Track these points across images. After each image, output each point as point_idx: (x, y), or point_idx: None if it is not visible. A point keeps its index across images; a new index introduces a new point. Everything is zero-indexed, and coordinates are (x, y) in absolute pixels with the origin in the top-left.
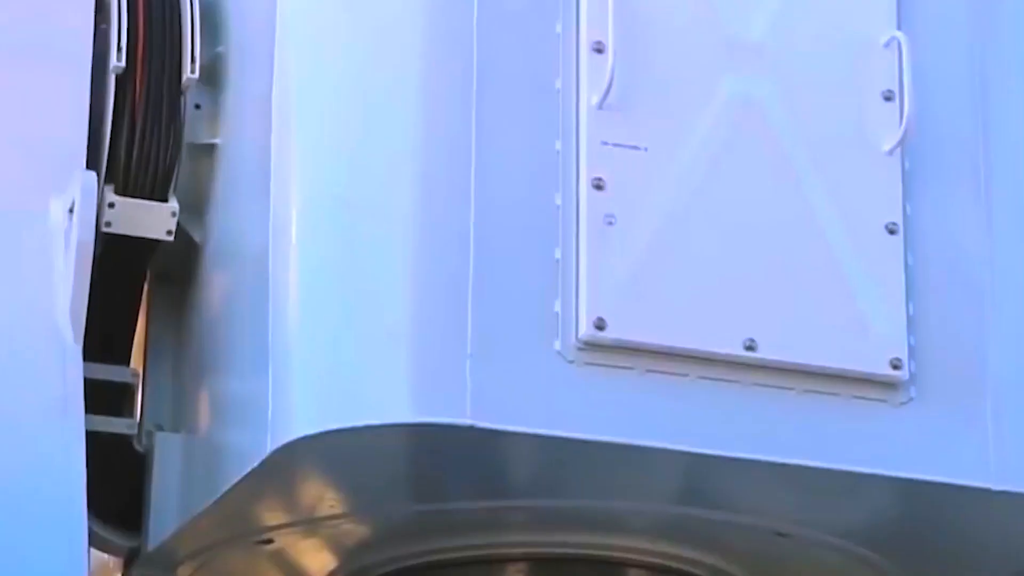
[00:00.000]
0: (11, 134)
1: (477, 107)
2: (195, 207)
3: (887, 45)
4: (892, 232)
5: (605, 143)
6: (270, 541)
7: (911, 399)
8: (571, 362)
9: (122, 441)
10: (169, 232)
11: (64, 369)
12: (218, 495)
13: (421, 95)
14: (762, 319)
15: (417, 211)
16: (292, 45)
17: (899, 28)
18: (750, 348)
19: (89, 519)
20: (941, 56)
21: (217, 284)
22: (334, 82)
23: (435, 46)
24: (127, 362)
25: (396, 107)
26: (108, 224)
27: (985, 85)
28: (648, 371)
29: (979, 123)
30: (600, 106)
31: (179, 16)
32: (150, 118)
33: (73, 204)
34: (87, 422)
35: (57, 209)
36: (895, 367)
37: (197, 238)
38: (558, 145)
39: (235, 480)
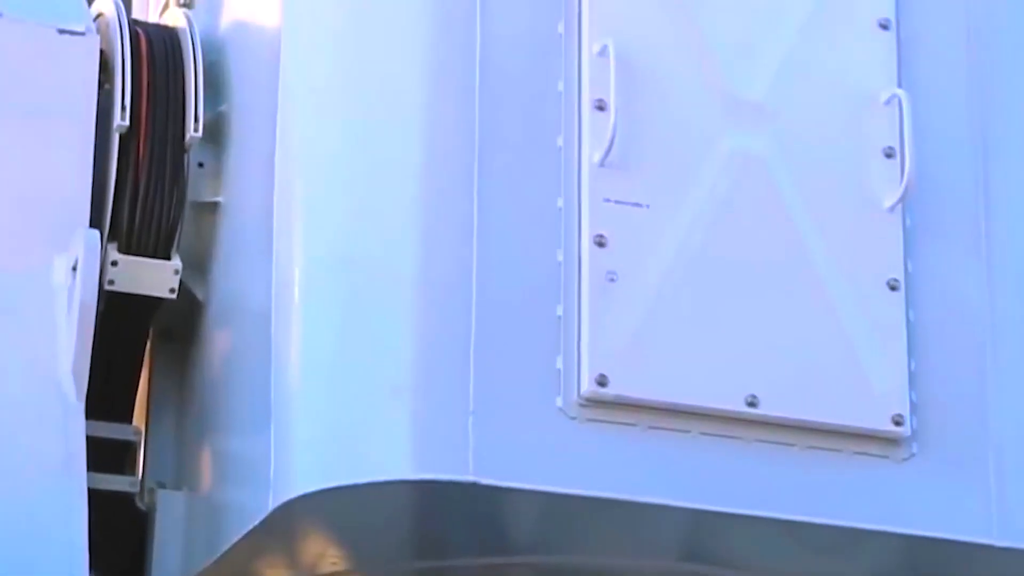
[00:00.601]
0: (15, 192)
1: (479, 165)
2: (198, 265)
3: (888, 102)
4: (893, 288)
5: (607, 200)
6: None
7: (913, 455)
8: (573, 418)
9: (124, 499)
10: (172, 290)
11: (66, 426)
12: (220, 553)
13: (423, 153)
14: (764, 375)
15: (419, 268)
16: (295, 104)
17: (899, 86)
18: (752, 404)
19: None
20: (941, 113)
21: (219, 342)
22: (337, 140)
23: (437, 105)
24: (129, 420)
25: (399, 165)
26: (111, 282)
27: (985, 142)
28: (650, 427)
29: (980, 180)
30: (602, 163)
31: (182, 75)
32: (153, 177)
33: (76, 262)
34: (89, 480)
35: (60, 267)
36: (897, 423)
37: (200, 296)
38: (560, 202)
39: (237, 538)
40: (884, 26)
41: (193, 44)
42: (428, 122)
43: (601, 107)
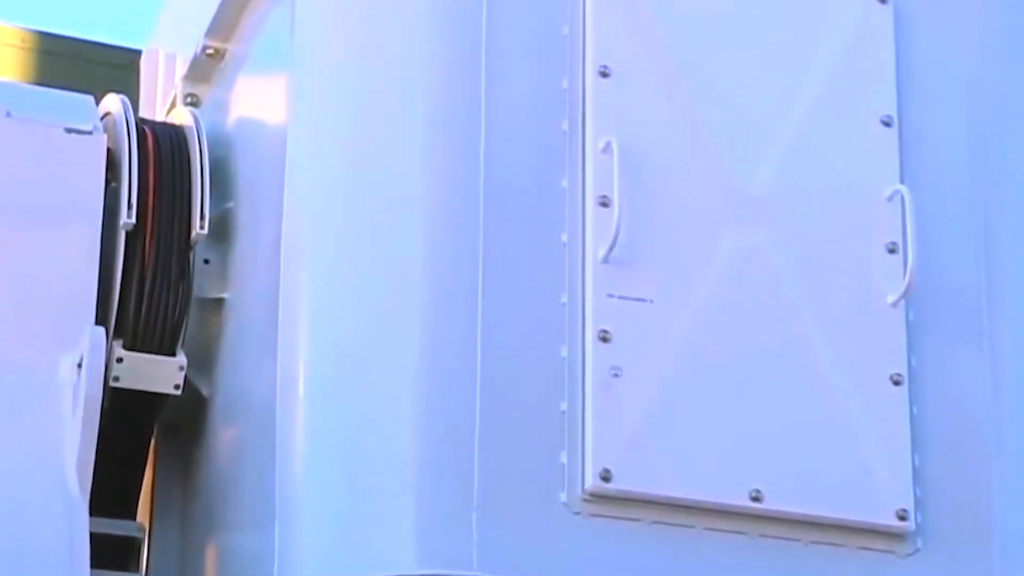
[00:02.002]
0: (22, 289)
1: (484, 260)
2: (203, 361)
3: (890, 198)
4: (897, 383)
5: (611, 296)
6: None
7: (917, 550)
8: (577, 513)
9: None
10: (177, 386)
11: (70, 522)
12: None
13: (428, 249)
14: (768, 470)
15: (423, 364)
16: (300, 200)
17: (902, 181)
18: (756, 499)
19: None
20: (944, 208)
21: (224, 438)
22: (342, 236)
23: (442, 201)
24: (133, 516)
25: (403, 262)
26: (116, 379)
27: (988, 236)
28: (654, 522)
29: (982, 274)
30: (606, 259)
31: (189, 173)
32: (159, 274)
33: (82, 359)
34: None
35: (66, 364)
36: (901, 518)
37: (205, 392)
38: (564, 298)
39: None
40: (886, 123)
41: (199, 142)
42: (432, 218)
43: (605, 203)
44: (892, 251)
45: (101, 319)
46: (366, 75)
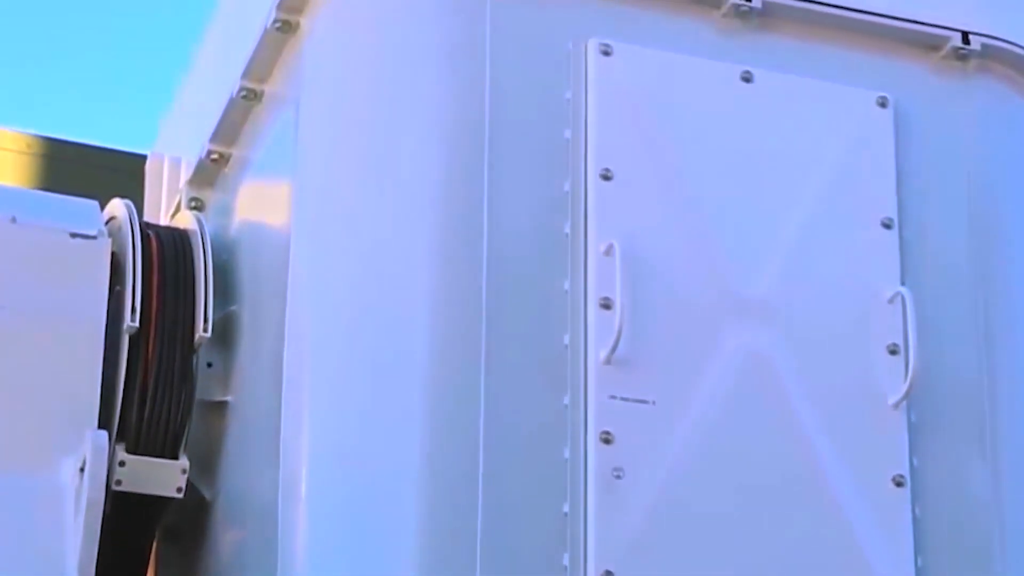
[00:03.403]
0: (25, 392)
1: (486, 361)
2: (205, 464)
3: (891, 300)
4: (899, 485)
5: (613, 397)
6: None
7: None
8: None
9: None
10: (179, 489)
11: None
12: None
13: (430, 352)
14: (770, 572)
15: (425, 465)
16: (303, 303)
17: (903, 283)
18: None
19: None
20: (945, 310)
21: (226, 540)
22: (344, 340)
23: (444, 303)
24: None
25: (405, 364)
26: (118, 482)
27: (989, 337)
28: None
29: (984, 375)
30: (608, 361)
31: (192, 276)
32: (162, 377)
33: (84, 463)
34: None
35: (68, 467)
36: None
37: (207, 495)
38: (566, 399)
39: None
40: (887, 225)
41: (203, 246)
42: (435, 320)
43: (607, 305)
44: (893, 352)
45: (104, 422)
46: (369, 180)
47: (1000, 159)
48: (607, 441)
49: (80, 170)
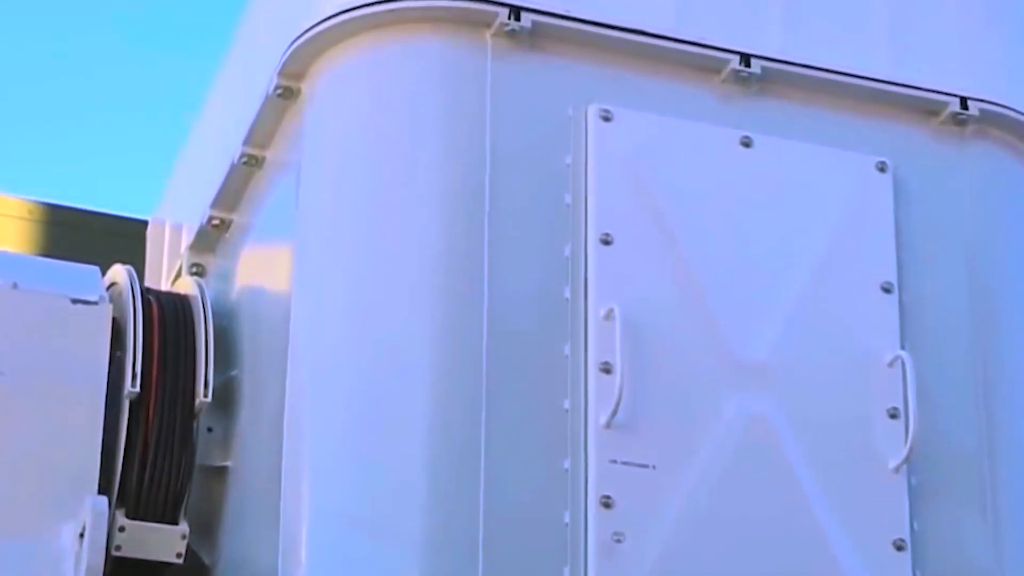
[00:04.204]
0: (25, 457)
1: (486, 425)
2: (205, 529)
3: (891, 364)
4: (900, 549)
5: (613, 461)
6: None
7: None
8: None
9: None
10: (179, 555)
11: None
12: None
13: (431, 416)
14: None
15: (426, 530)
16: (304, 368)
17: (903, 347)
18: None
19: None
20: (945, 373)
21: None
22: (345, 403)
23: (445, 367)
24: None
25: (406, 429)
26: (118, 547)
27: (989, 401)
28: None
29: (984, 438)
30: (608, 425)
31: (193, 342)
32: (162, 443)
33: (84, 529)
34: None
35: (68, 533)
36: None
37: (207, 560)
38: (567, 464)
39: None
40: (887, 289)
41: (204, 312)
42: (435, 385)
43: (607, 370)
44: (893, 416)
45: (104, 487)
46: (370, 245)
47: (998, 223)
48: (607, 505)
49: (81, 236)
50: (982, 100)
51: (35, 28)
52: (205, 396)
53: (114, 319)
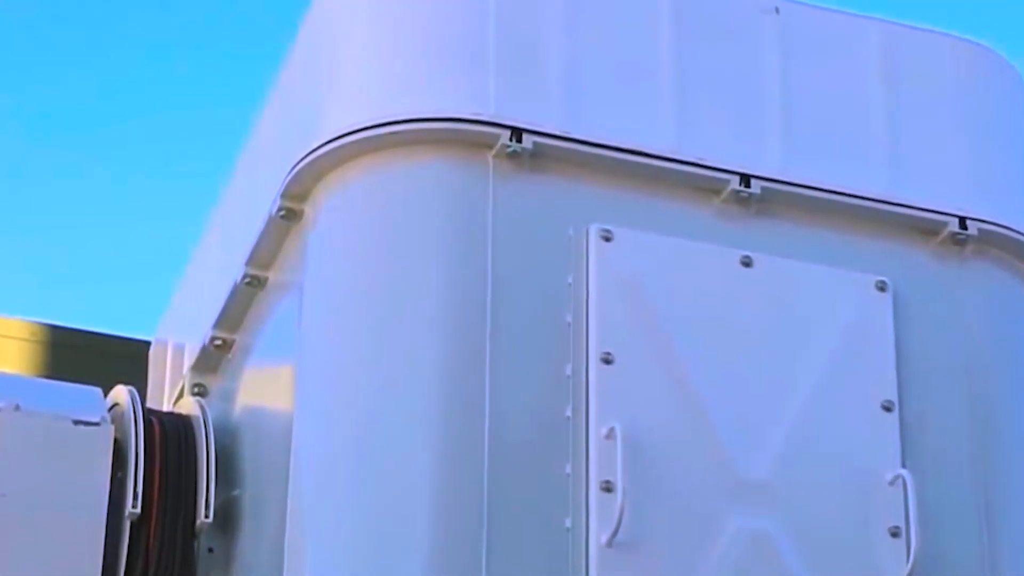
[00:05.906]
0: None
1: (488, 545)
2: None
3: (892, 482)
4: None
5: None
6: None
7: None
8: None
9: None
10: None
11: None
12: None
13: (432, 537)
14: None
15: None
16: (305, 488)
17: (904, 465)
18: None
19: None
20: (946, 491)
21: None
22: (346, 524)
23: (445, 486)
24: None
25: (408, 549)
26: None
27: (991, 520)
28: None
29: (986, 556)
30: (610, 544)
31: (195, 463)
32: (163, 563)
33: None
34: None
35: None
36: None
37: None
38: None
39: None
40: (887, 408)
41: (206, 432)
42: (436, 504)
43: (608, 489)
44: (895, 535)
45: None
46: (372, 365)
47: (998, 342)
48: None
49: (83, 357)
50: (981, 220)
51: (40, 151)
52: (206, 516)
53: (116, 440)
